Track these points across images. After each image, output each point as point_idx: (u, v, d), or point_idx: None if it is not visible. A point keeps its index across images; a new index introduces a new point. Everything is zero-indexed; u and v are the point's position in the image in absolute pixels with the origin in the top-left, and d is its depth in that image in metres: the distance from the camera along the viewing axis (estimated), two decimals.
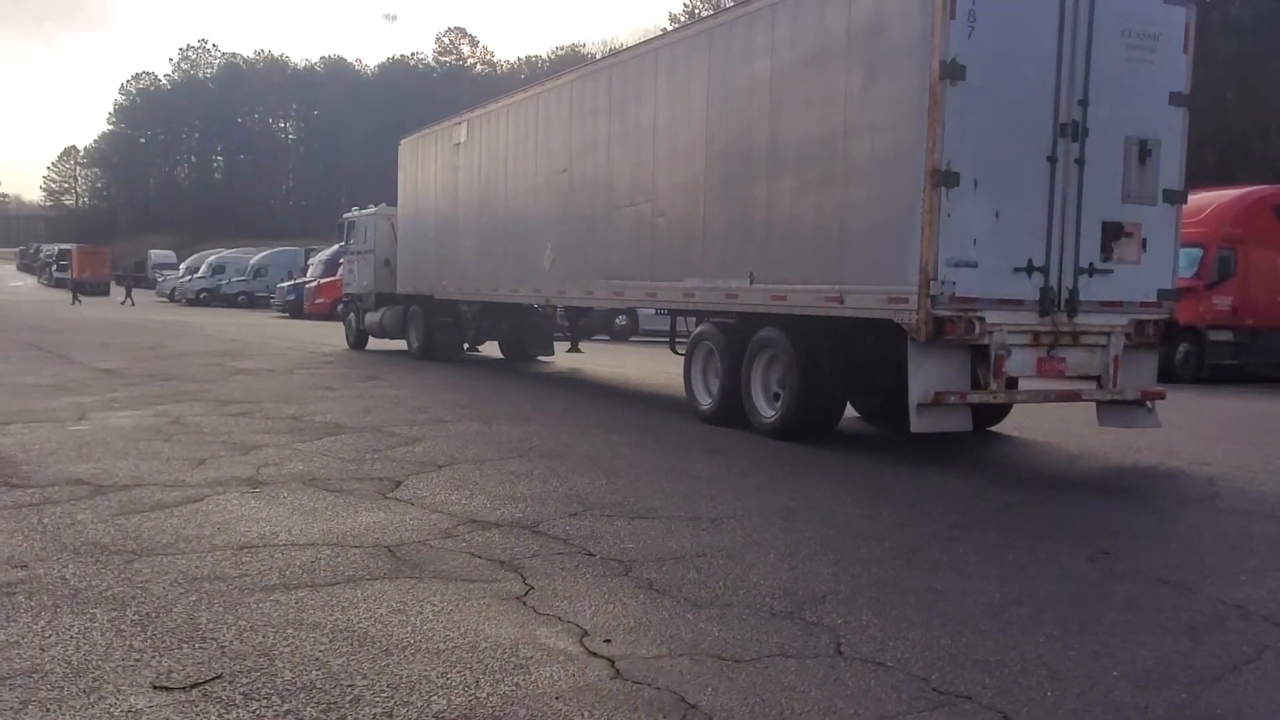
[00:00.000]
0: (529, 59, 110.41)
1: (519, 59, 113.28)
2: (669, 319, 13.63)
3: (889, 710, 3.32)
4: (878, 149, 8.20)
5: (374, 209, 20.91)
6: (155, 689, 3.33)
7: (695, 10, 65.00)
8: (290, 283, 40.99)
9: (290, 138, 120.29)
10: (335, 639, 3.81)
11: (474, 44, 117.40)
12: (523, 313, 18.01)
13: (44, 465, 7.08)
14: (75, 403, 10.50)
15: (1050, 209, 7.95)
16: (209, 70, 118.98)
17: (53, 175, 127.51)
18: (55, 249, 77.77)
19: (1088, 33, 7.92)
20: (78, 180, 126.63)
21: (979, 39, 7.51)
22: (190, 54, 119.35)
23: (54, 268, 71.56)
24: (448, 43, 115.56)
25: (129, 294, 50.73)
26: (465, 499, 6.34)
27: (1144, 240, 8.32)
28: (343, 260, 24.02)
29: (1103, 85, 8.00)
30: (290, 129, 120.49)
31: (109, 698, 3.25)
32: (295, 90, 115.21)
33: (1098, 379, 8.39)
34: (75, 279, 55.84)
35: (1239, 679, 3.68)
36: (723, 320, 10.65)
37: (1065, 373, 8.27)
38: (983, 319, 7.73)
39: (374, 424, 9.53)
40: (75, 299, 48.17)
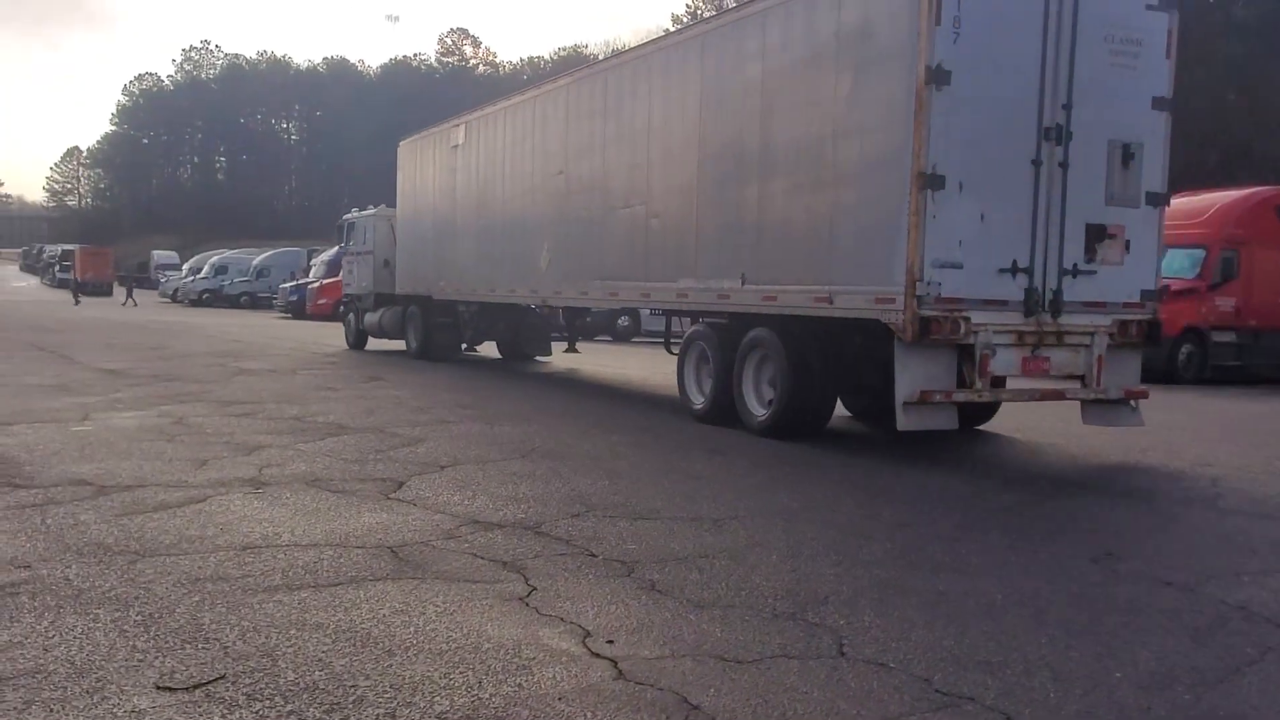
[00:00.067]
0: (531, 60, 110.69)
1: (521, 60, 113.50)
2: (665, 320, 13.72)
3: (892, 711, 3.32)
4: (865, 152, 8.32)
5: (373, 210, 20.94)
6: (158, 689, 3.34)
7: (698, 11, 65.03)
8: (293, 283, 41.00)
9: (293, 138, 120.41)
10: (338, 639, 3.82)
11: (476, 45, 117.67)
12: (520, 313, 18.06)
13: (47, 466, 7.08)
14: (78, 403, 10.51)
15: (1034, 211, 8.06)
16: (212, 71, 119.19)
17: (55, 176, 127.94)
18: (58, 250, 77.79)
19: (1071, 38, 8.03)
20: (80, 181, 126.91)
21: (964, 44, 7.62)
22: (193, 55, 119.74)
23: (57, 268, 71.54)
24: (450, 44, 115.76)
25: (130, 294, 50.74)
26: (468, 500, 6.35)
27: (1127, 242, 8.43)
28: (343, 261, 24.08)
29: (1086, 89, 8.11)
30: (293, 129, 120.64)
31: (112, 698, 3.26)
32: (298, 91, 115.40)
33: (1082, 378, 8.50)
34: (77, 280, 55.82)
35: (1242, 680, 3.68)
36: (716, 320, 10.74)
37: (1050, 372, 8.38)
38: (968, 319, 7.83)
39: (376, 425, 9.54)
40: (76, 299, 48.22)
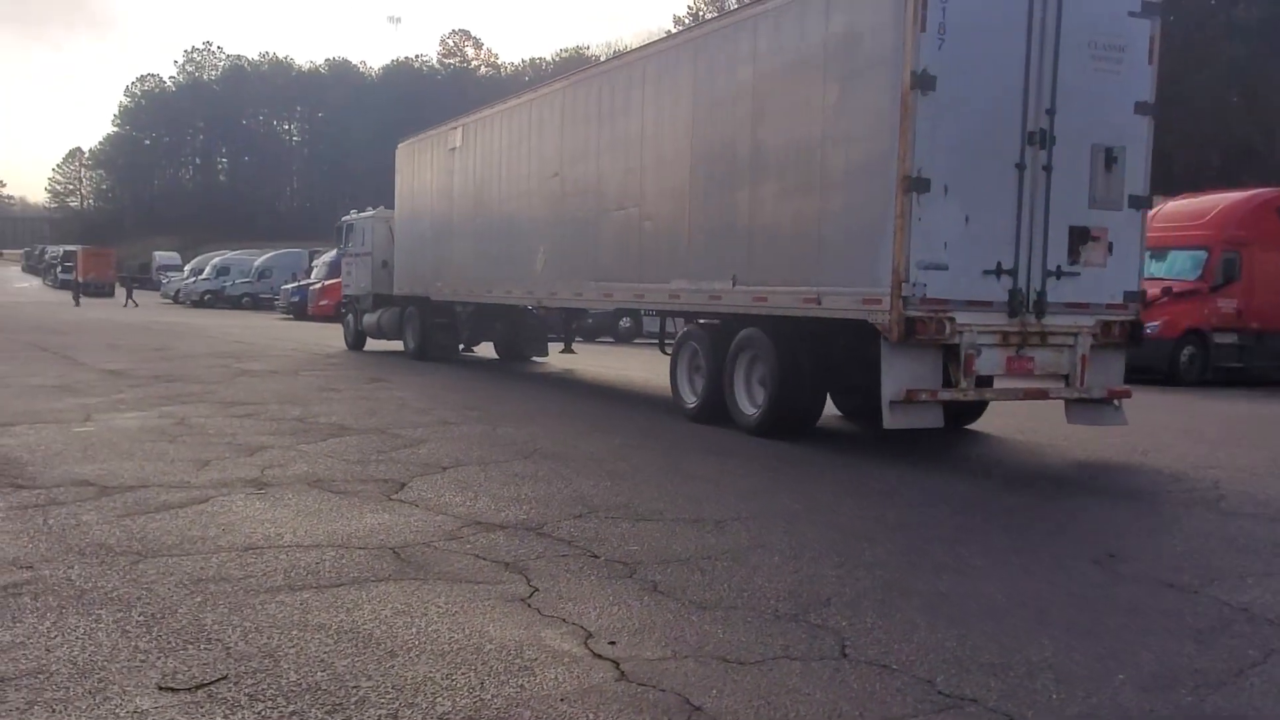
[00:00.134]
0: (533, 61, 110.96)
1: (523, 61, 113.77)
2: (660, 321, 13.83)
3: (894, 713, 3.31)
4: (853, 156, 8.45)
5: (371, 212, 20.99)
6: (161, 690, 3.34)
7: (699, 13, 65.04)
8: (295, 284, 41.01)
9: (295, 139, 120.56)
10: (340, 640, 3.82)
11: (478, 46, 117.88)
12: (517, 314, 18.12)
13: (49, 466, 7.09)
14: (80, 404, 10.52)
15: (1019, 214, 8.17)
16: (214, 72, 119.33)
17: (58, 177, 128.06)
18: (60, 250, 77.82)
19: (1055, 44, 8.13)
20: (83, 182, 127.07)
21: (949, 50, 7.73)
22: (195, 56, 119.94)
23: (59, 269, 71.57)
24: (452, 45, 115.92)
25: (130, 295, 50.74)
26: (470, 500, 6.35)
27: (1110, 244, 8.54)
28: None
29: (1070, 95, 8.21)
30: (295, 131, 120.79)
31: (114, 699, 3.26)
32: (300, 92, 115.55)
33: (1066, 378, 8.61)
34: (79, 281, 55.81)
35: (1245, 682, 3.68)
36: (707, 321, 10.88)
37: (1034, 371, 8.48)
38: (953, 319, 7.94)
39: (378, 426, 9.54)
40: (76, 300, 48.21)
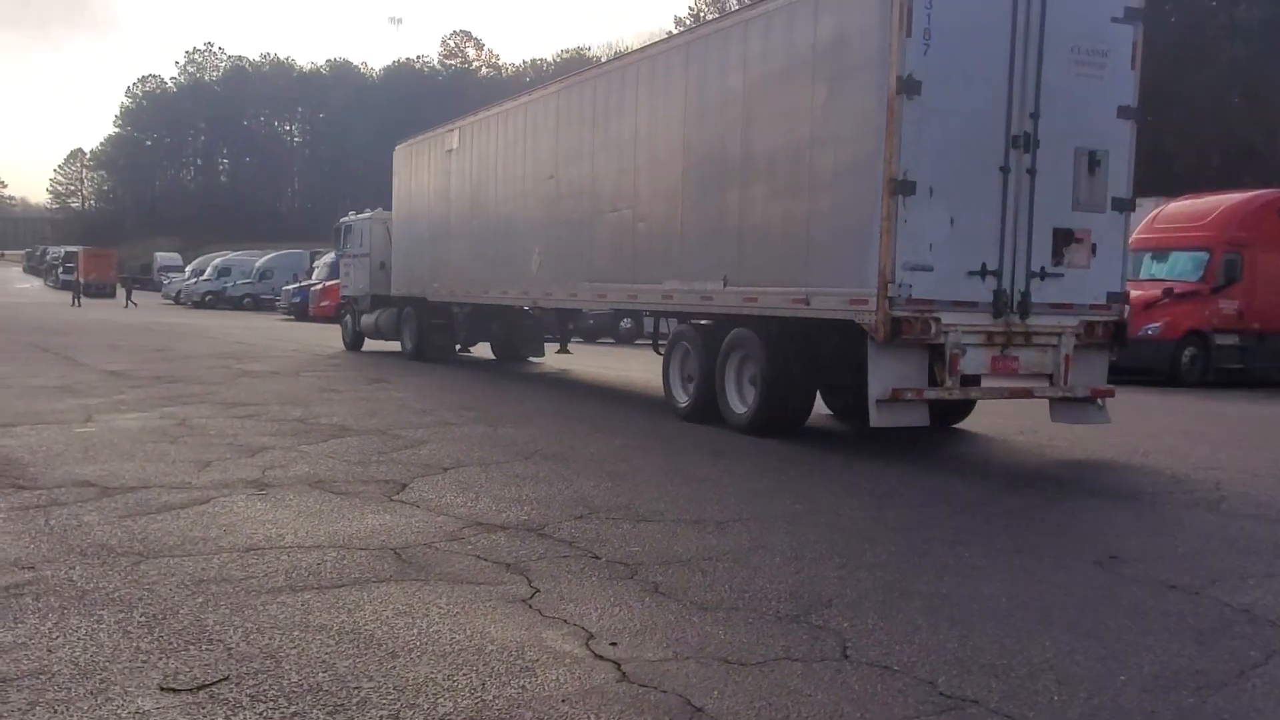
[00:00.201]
0: (534, 62, 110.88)
1: (524, 62, 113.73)
2: (654, 322, 13.96)
3: (896, 714, 3.31)
4: (840, 159, 8.57)
5: (369, 213, 21.05)
6: (162, 690, 3.34)
7: (700, 13, 65.06)
8: (296, 285, 41.06)
9: (296, 140, 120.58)
10: (342, 641, 3.82)
11: (479, 47, 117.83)
12: (513, 314, 18.20)
13: (51, 467, 7.09)
14: (81, 405, 10.53)
15: (1003, 216, 8.29)
16: (215, 73, 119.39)
17: (59, 178, 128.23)
18: (61, 251, 77.94)
19: (1039, 49, 8.25)
20: (84, 183, 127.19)
21: (934, 55, 7.85)
22: (196, 57, 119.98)
23: (60, 270, 71.65)
24: (453, 46, 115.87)
25: (129, 296, 50.73)
26: (471, 501, 6.35)
27: (1094, 246, 8.65)
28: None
29: (1053, 99, 8.32)
30: (296, 131, 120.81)
31: (116, 699, 3.26)
32: (301, 93, 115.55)
33: (1050, 377, 8.71)
34: (80, 281, 55.88)
35: (1246, 684, 3.67)
36: (699, 321, 10.99)
37: (1018, 371, 8.59)
38: (938, 320, 8.07)
39: (379, 426, 9.55)
40: (75, 301, 48.18)
